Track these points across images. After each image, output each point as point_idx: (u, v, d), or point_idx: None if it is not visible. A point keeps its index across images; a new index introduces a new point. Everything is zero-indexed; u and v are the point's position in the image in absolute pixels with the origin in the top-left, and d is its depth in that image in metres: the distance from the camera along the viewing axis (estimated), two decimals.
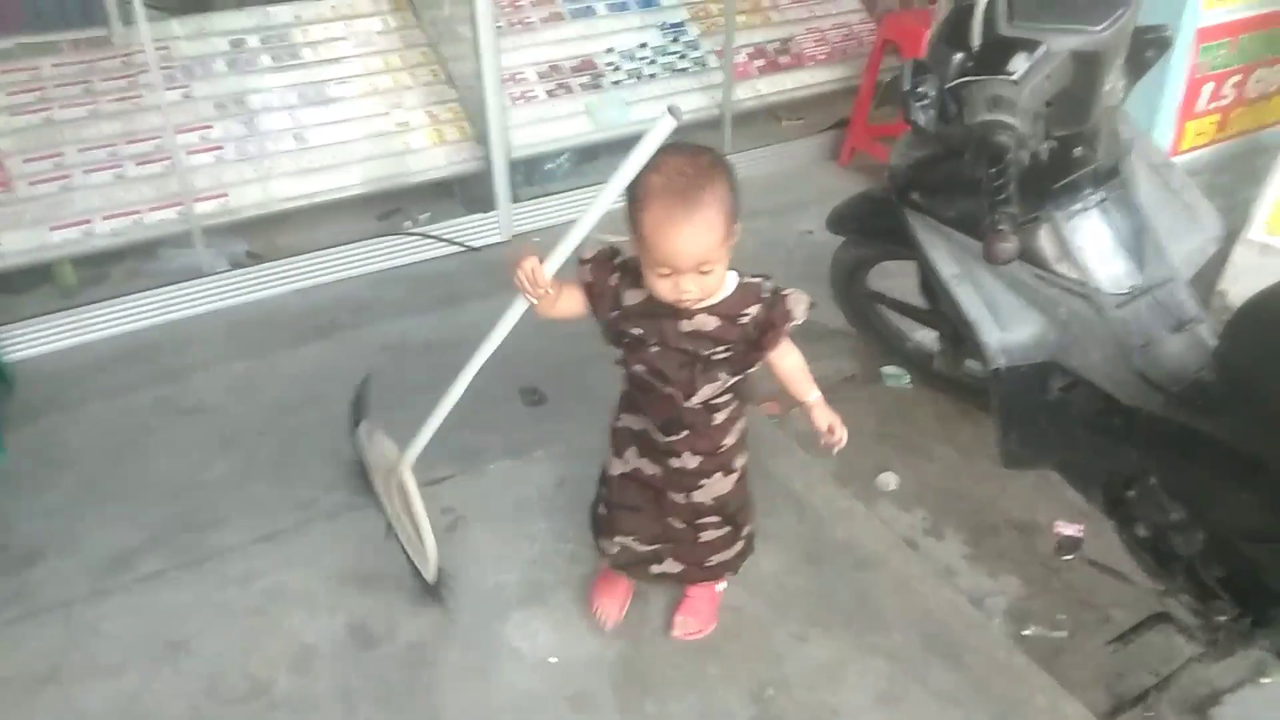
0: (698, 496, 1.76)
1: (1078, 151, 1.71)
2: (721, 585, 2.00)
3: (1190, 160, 3.13)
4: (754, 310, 1.59)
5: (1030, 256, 1.78)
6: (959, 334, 2.12)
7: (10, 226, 2.88)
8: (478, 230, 3.44)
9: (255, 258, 3.22)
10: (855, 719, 1.78)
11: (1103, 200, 1.76)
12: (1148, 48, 1.73)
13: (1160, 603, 1.79)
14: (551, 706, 1.82)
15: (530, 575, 2.11)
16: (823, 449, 1.75)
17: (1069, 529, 2.22)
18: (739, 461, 1.79)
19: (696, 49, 3.95)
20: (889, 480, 2.42)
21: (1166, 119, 2.97)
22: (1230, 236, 2.54)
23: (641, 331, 1.59)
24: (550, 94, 3.70)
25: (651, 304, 1.56)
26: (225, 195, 3.14)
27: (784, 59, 4.09)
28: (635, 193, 1.46)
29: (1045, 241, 1.77)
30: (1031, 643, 1.98)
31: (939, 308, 2.24)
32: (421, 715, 1.80)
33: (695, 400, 1.63)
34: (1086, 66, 1.60)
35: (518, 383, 2.69)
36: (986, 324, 1.85)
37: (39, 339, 2.86)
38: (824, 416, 1.75)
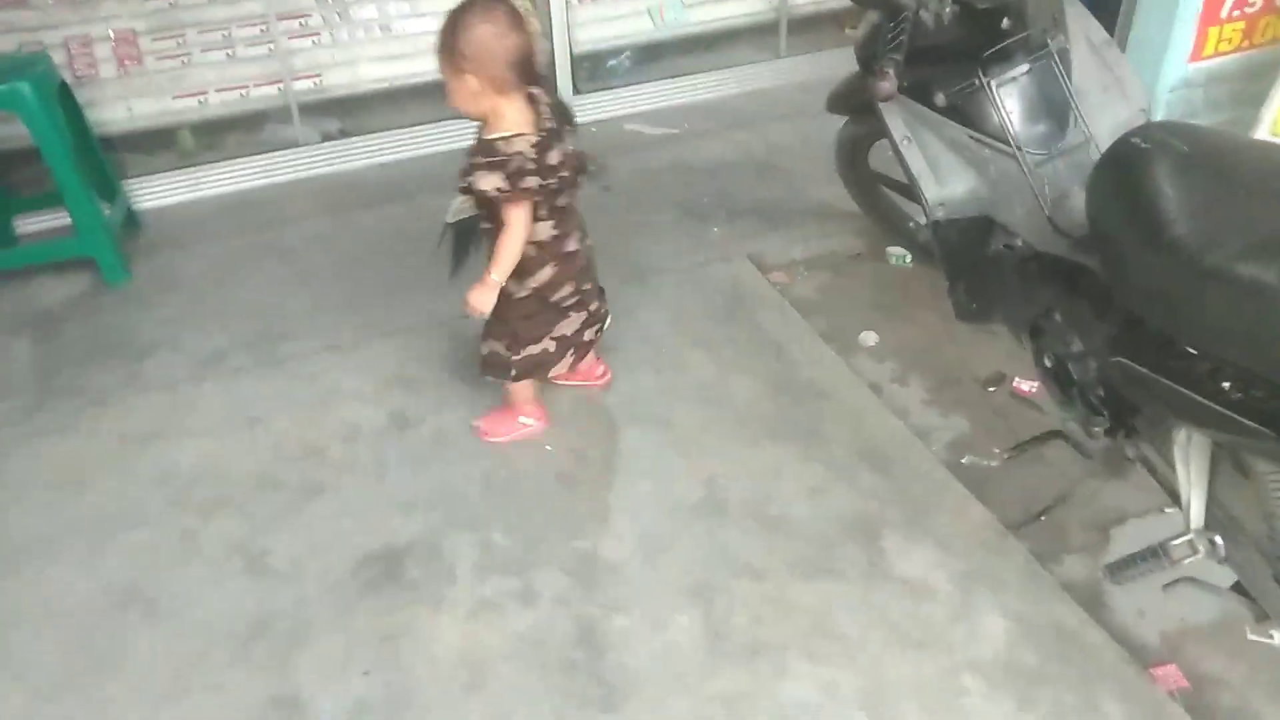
0: None
1: (1005, 23, 1.95)
2: (525, 419, 2.34)
3: (1214, 67, 3.21)
4: (465, 161, 2.04)
5: (965, 119, 2.03)
6: None
7: (140, 94, 3.40)
8: None
9: (344, 133, 3.67)
10: (787, 505, 2.13)
11: (1029, 70, 1.99)
12: None
13: (1061, 426, 2.06)
14: (542, 479, 2.23)
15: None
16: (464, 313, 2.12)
17: (1026, 384, 2.48)
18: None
19: None
20: (869, 338, 2.71)
21: (1185, 23, 3.07)
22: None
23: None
24: None
25: None
26: (319, 76, 3.58)
27: None
28: None
29: (979, 106, 2.02)
30: (966, 470, 2.26)
31: None
32: (436, 479, 2.23)
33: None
34: None
35: None
36: (928, 180, 2.12)
37: (163, 192, 3.39)
38: (479, 294, 2.10)
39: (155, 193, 3.38)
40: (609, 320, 2.40)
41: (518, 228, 2.05)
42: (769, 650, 1.82)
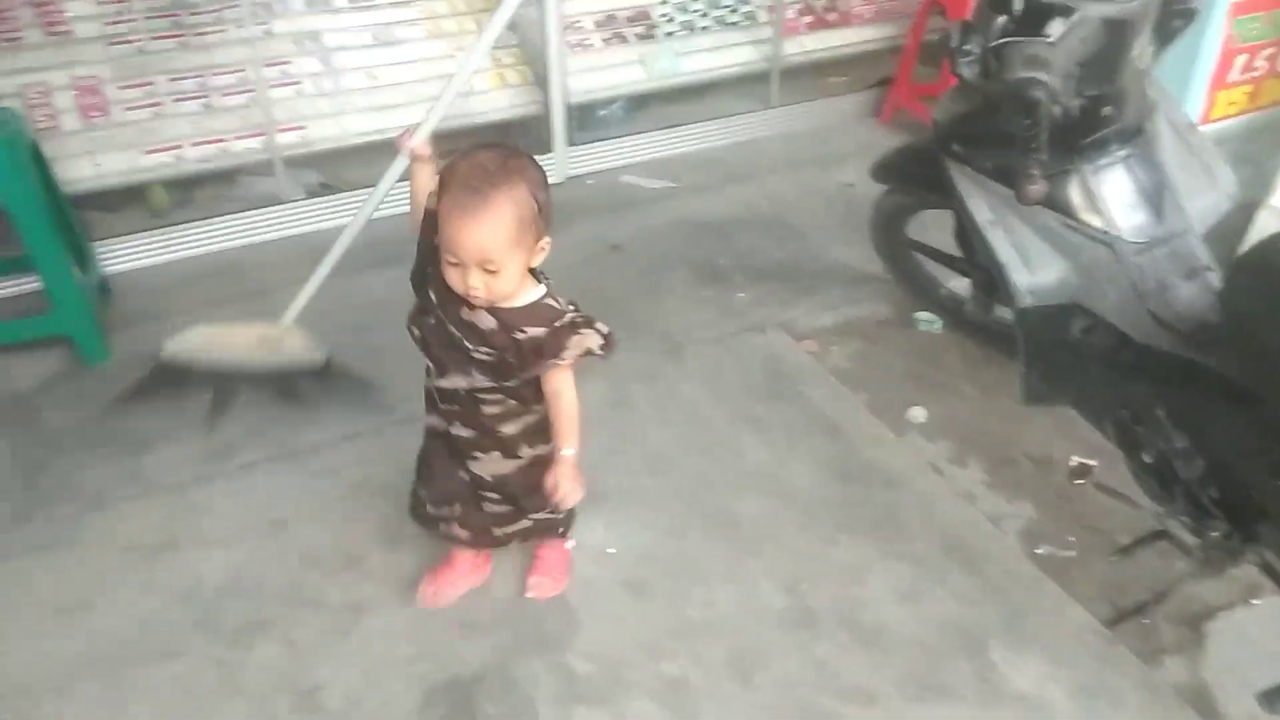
0: (475, 468, 1.79)
1: (1106, 110, 1.89)
2: (570, 544, 2.06)
3: (1221, 129, 3.28)
4: (537, 331, 1.58)
5: (1058, 205, 1.96)
6: (990, 281, 2.31)
7: (108, 149, 3.11)
8: None
9: (328, 188, 3.43)
10: (880, 612, 2.01)
11: (1127, 156, 1.94)
12: (1175, 18, 1.90)
13: (1161, 523, 1.99)
14: (611, 590, 2.06)
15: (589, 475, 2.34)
16: (550, 501, 1.73)
17: (1083, 460, 2.42)
18: (525, 450, 1.77)
19: (747, 3, 4.08)
20: (918, 414, 2.62)
21: (1198, 87, 3.11)
22: (1255, 203, 2.71)
23: (435, 298, 1.62)
24: (606, 42, 3.86)
25: None
26: (304, 128, 3.34)
27: (831, 16, 4.22)
28: (443, 176, 1.50)
29: (1073, 192, 1.95)
30: (1043, 560, 2.18)
31: (972, 256, 2.42)
32: (496, 592, 2.04)
33: (444, 383, 1.68)
34: (1116, 32, 1.78)
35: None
36: (1016, 266, 2.04)
37: (134, 254, 3.10)
38: (563, 477, 1.69)
39: (125, 255, 3.09)
40: None
41: (573, 388, 1.68)
42: None
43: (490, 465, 1.78)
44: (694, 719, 1.80)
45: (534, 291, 1.60)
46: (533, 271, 1.61)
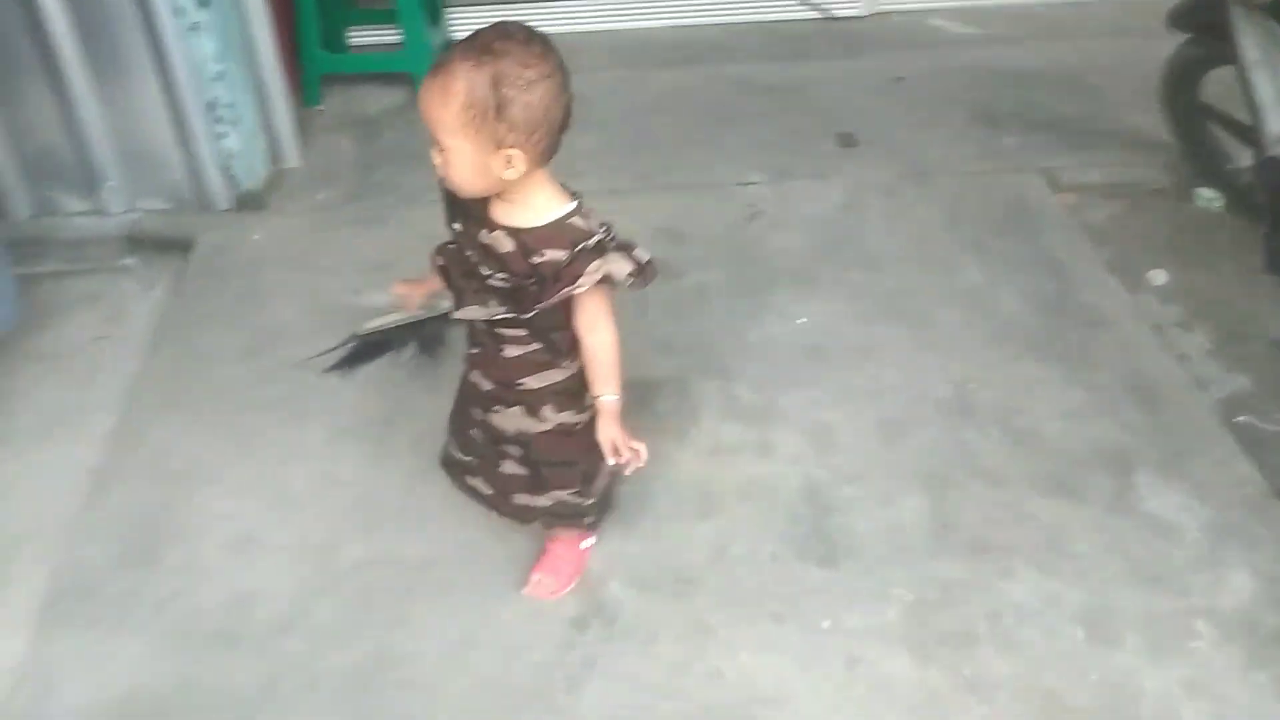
0: (495, 421, 1.62)
1: None
2: (587, 542, 1.82)
3: None
4: (558, 255, 1.40)
5: None
6: None
7: None
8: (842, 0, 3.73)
9: None
10: (1039, 421, 2.08)
11: None
12: None
13: None
14: (790, 350, 2.29)
15: (807, 260, 2.54)
16: (615, 467, 1.58)
17: None
18: (551, 412, 1.58)
19: None
20: (1158, 276, 2.54)
21: None
22: None
23: (459, 226, 1.49)
24: None
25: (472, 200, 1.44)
26: None
27: None
28: None
29: None
30: (1237, 428, 2.12)
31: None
32: (693, 328, 2.34)
33: (462, 314, 1.51)
34: None
35: (838, 128, 3.06)
36: (1272, 110, 1.94)
37: (476, 22, 3.59)
38: (607, 430, 1.53)
39: (470, 26, 3.58)
40: None
41: (611, 324, 1.50)
42: (995, 550, 1.83)
43: (512, 420, 1.61)
44: (831, 456, 2.02)
45: (557, 209, 1.43)
46: (568, 190, 1.47)
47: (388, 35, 3.41)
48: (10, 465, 2.07)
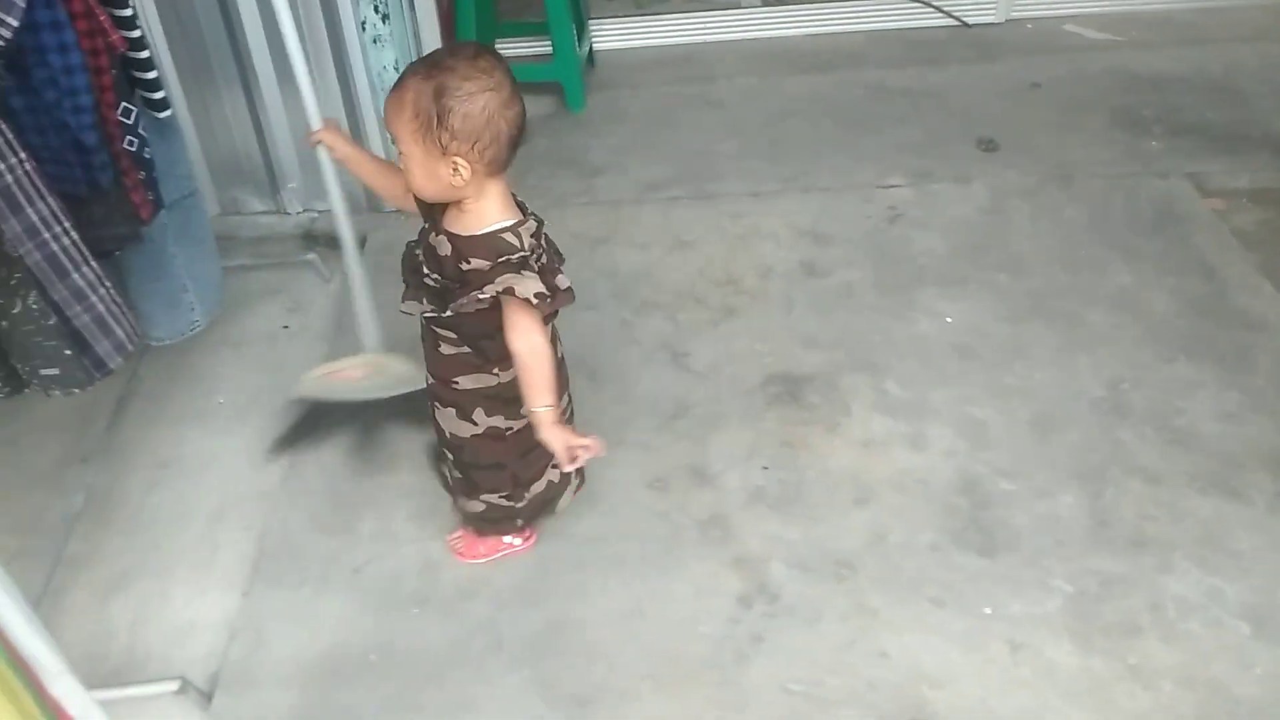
0: (438, 419, 1.76)
1: None
2: (511, 539, 1.90)
3: None
4: (483, 263, 1.50)
5: None
6: None
7: None
8: (976, 7, 3.73)
9: (782, 1, 3.83)
10: (1196, 421, 2.09)
11: None
12: None
13: None
14: (939, 348, 2.34)
15: (951, 261, 2.59)
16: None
17: None
18: (481, 416, 1.68)
19: None
20: None
21: None
22: None
23: (426, 226, 1.63)
24: None
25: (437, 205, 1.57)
26: None
27: None
28: None
29: None
30: None
31: None
32: (839, 324, 2.41)
33: (402, 307, 1.64)
34: None
35: (977, 132, 3.08)
36: None
37: (617, 35, 3.75)
38: (550, 439, 1.57)
39: (611, 35, 3.75)
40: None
41: (537, 338, 1.54)
42: (1154, 546, 1.85)
43: (447, 422, 1.74)
44: (985, 451, 2.06)
45: (495, 222, 1.53)
46: (520, 205, 1.59)
47: (536, 46, 3.58)
48: (213, 441, 2.27)
